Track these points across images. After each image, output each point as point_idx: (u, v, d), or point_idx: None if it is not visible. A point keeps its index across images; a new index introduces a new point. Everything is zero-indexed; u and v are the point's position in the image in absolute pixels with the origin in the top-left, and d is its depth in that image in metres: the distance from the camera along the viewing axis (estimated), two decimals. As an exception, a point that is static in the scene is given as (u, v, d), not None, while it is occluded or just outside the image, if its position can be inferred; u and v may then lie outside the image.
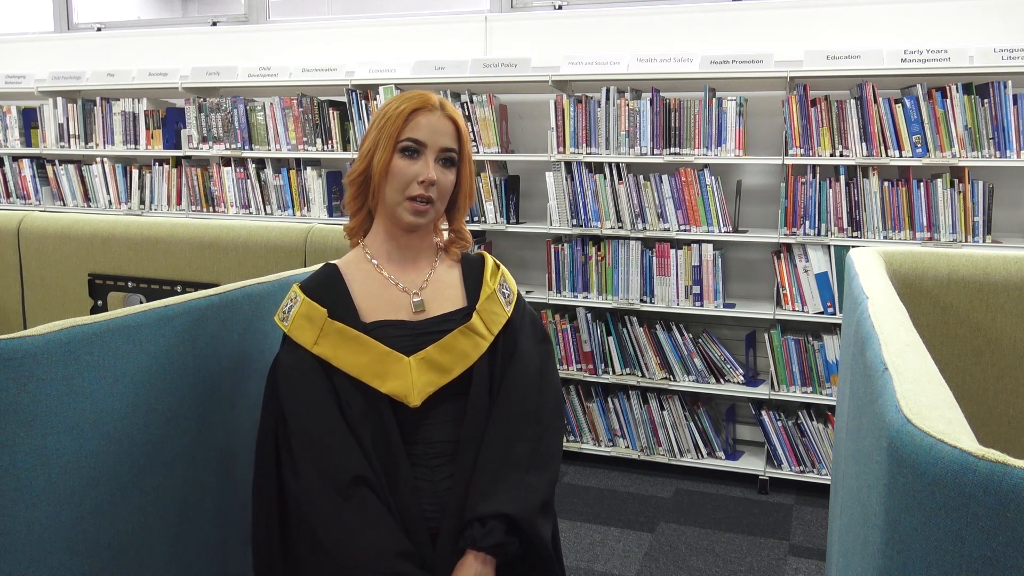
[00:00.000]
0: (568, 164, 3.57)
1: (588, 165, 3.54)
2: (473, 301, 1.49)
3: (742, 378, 3.48)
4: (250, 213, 4.11)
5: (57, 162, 4.46)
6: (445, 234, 1.57)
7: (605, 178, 3.51)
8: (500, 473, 1.40)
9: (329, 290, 1.46)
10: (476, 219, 3.71)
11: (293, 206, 4.04)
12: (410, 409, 1.41)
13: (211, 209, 4.18)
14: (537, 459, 1.43)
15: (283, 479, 1.41)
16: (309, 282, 1.49)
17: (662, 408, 3.56)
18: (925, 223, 3.17)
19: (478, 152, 3.67)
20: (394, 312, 1.46)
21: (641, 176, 3.48)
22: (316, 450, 1.36)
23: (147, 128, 4.27)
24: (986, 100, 3.06)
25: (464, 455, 1.42)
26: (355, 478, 1.34)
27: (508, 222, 3.70)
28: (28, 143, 4.57)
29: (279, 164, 4.09)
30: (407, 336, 1.43)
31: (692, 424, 3.53)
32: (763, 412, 3.44)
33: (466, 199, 1.52)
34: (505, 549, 1.35)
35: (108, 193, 4.39)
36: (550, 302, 3.67)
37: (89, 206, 4.43)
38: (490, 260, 1.57)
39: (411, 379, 1.40)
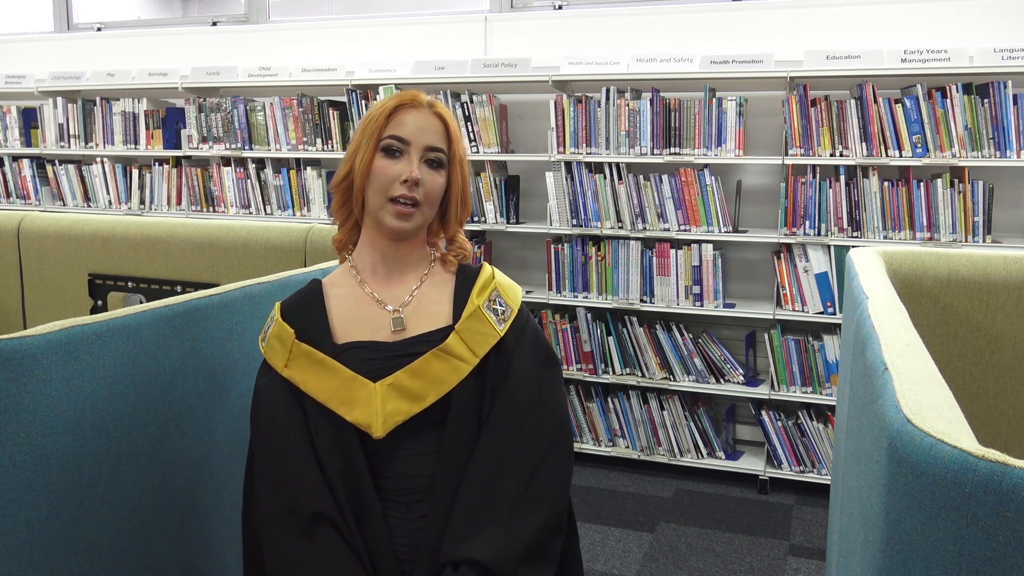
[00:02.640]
0: (568, 164, 3.57)
1: (588, 165, 3.54)
2: (458, 320, 1.34)
3: (742, 378, 3.48)
4: (250, 213, 4.11)
5: (57, 162, 4.45)
6: (443, 245, 1.45)
7: (605, 178, 3.51)
8: (479, 513, 1.25)
9: (305, 309, 1.36)
10: (476, 219, 3.71)
11: (293, 206, 4.04)
12: (380, 440, 1.29)
13: (211, 209, 4.18)
14: (526, 499, 1.26)
15: None
16: (288, 300, 1.40)
17: (662, 408, 3.56)
18: (925, 223, 3.17)
19: (478, 152, 3.67)
20: (371, 332, 1.33)
21: (641, 176, 3.48)
22: (278, 481, 1.27)
23: (147, 128, 4.27)
24: (986, 100, 3.06)
25: (439, 492, 1.28)
26: (315, 515, 1.24)
27: (508, 222, 3.70)
28: (28, 143, 4.57)
29: (279, 164, 4.09)
30: (378, 359, 1.31)
31: (692, 424, 3.53)
32: (763, 412, 3.44)
33: (459, 205, 1.40)
34: None
35: (108, 193, 4.39)
36: (550, 302, 3.67)
37: (89, 206, 4.43)
38: (485, 272, 1.41)
39: (376, 407, 1.28)
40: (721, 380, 3.50)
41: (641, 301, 3.54)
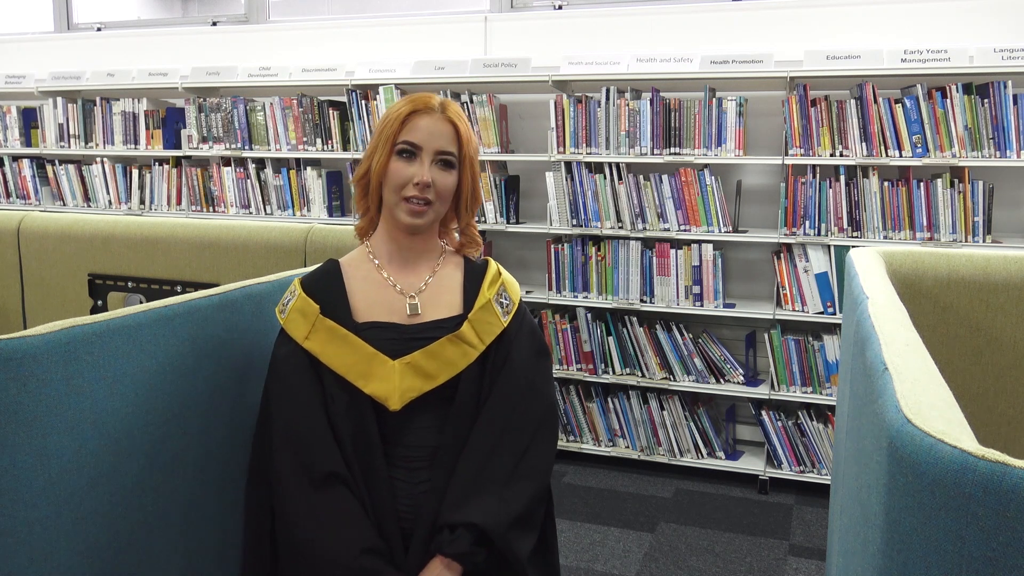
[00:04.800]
0: (568, 164, 3.57)
1: (588, 165, 3.54)
2: (469, 309, 1.49)
3: (742, 378, 3.48)
4: (250, 213, 4.11)
5: (57, 162, 4.46)
6: (456, 236, 1.58)
7: (605, 178, 3.51)
8: (476, 483, 1.40)
9: (326, 287, 1.48)
10: (477, 219, 3.70)
11: (293, 206, 4.04)
12: (393, 411, 1.42)
13: (211, 209, 4.18)
14: (518, 473, 1.42)
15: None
16: (309, 277, 1.51)
17: (662, 408, 3.56)
18: (925, 223, 3.17)
19: (478, 152, 3.67)
20: (388, 314, 1.47)
21: (641, 176, 3.48)
22: (295, 442, 1.39)
23: (147, 128, 4.27)
24: (986, 100, 3.06)
25: (442, 461, 1.43)
26: (330, 474, 1.37)
27: (508, 222, 3.70)
28: (28, 143, 4.57)
29: (279, 164, 4.09)
30: (396, 339, 1.44)
31: (692, 424, 3.53)
32: (763, 412, 3.44)
33: (469, 201, 1.52)
34: (472, 559, 1.36)
35: (108, 193, 4.39)
36: (550, 302, 3.67)
37: (89, 206, 4.43)
38: (492, 268, 1.56)
39: (394, 383, 1.41)
40: (721, 380, 3.50)
41: (641, 301, 3.54)
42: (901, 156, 3.16)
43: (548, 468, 1.49)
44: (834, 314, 3.31)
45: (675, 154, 3.42)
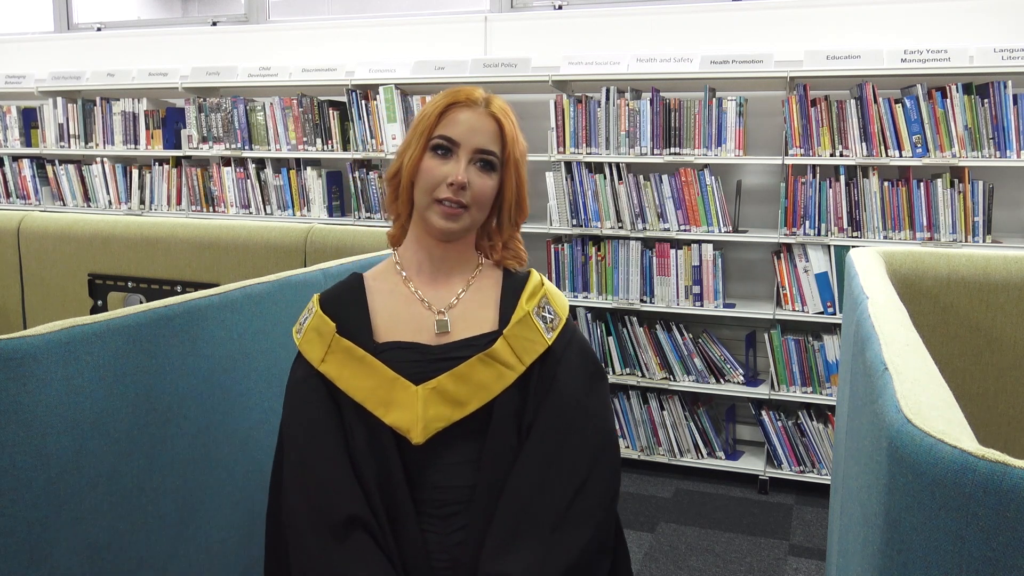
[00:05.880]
0: (568, 164, 3.57)
1: (588, 165, 3.54)
2: (505, 325, 1.30)
3: (742, 378, 3.48)
4: (250, 213, 4.11)
5: (57, 162, 4.46)
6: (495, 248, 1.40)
7: (605, 178, 3.51)
8: (519, 528, 1.20)
9: (346, 303, 1.32)
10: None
11: (293, 206, 4.04)
12: (417, 447, 1.24)
13: (211, 209, 4.18)
14: (570, 516, 1.22)
15: None
16: (328, 293, 1.36)
17: (662, 408, 3.56)
18: (925, 223, 3.17)
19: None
20: (414, 333, 1.29)
21: (641, 176, 3.48)
22: (309, 481, 1.23)
23: (147, 128, 4.27)
24: (986, 100, 3.06)
25: (479, 504, 1.24)
26: (350, 518, 1.20)
27: (508, 222, 3.70)
28: (28, 143, 4.57)
29: (279, 164, 4.09)
30: (421, 361, 1.27)
31: (692, 424, 3.53)
32: (763, 412, 3.44)
33: (513, 209, 1.34)
34: None
35: (108, 193, 4.39)
36: (550, 302, 3.66)
37: (89, 206, 4.43)
38: (534, 278, 1.36)
39: (417, 411, 1.23)
40: (721, 380, 3.50)
41: (641, 301, 3.54)
42: (901, 156, 3.16)
43: (608, 512, 1.27)
44: (834, 314, 3.31)
45: (675, 154, 3.42)
